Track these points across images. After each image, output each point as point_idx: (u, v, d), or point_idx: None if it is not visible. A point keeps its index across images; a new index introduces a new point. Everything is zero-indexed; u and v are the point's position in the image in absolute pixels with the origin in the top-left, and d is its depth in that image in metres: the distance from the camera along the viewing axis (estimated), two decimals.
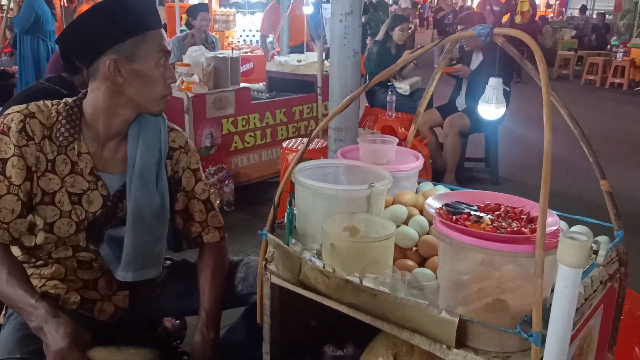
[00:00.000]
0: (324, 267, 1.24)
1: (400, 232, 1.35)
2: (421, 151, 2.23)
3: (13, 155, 1.34)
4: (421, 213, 1.46)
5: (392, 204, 1.46)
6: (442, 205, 1.14)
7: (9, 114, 1.38)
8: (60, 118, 1.41)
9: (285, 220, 1.37)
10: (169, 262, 1.67)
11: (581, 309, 1.14)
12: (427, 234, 1.39)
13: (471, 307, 1.06)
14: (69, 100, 1.45)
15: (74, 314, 1.42)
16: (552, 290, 0.97)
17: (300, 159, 1.37)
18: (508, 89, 4.05)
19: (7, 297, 1.28)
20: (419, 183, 1.65)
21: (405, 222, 1.42)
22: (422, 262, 1.36)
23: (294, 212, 1.40)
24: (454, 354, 1.07)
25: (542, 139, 1.01)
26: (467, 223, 1.06)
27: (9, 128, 1.35)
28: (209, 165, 3.93)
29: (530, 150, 5.78)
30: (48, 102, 1.43)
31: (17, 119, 1.36)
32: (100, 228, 1.48)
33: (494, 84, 1.72)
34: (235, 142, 4.18)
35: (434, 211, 1.12)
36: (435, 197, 1.19)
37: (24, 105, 1.40)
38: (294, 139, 4.06)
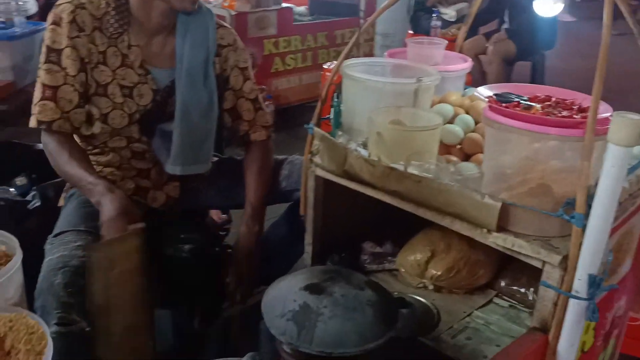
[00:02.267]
0: (369, 157, 1.26)
1: (445, 128, 1.36)
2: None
3: (67, 46, 1.38)
4: (467, 114, 1.46)
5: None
6: (493, 94, 1.14)
7: (60, 4, 1.41)
8: (109, 9, 1.44)
9: (332, 114, 1.40)
10: (216, 159, 1.73)
11: (624, 204, 1.14)
12: (473, 132, 1.39)
13: (515, 192, 1.08)
14: None
15: (129, 199, 1.50)
16: (597, 184, 0.98)
17: (349, 54, 1.38)
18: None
19: (70, 176, 1.36)
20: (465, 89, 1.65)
21: (451, 122, 1.43)
22: (465, 159, 1.37)
23: (341, 107, 1.42)
24: (494, 237, 1.10)
25: (592, 73, 0.97)
26: (517, 109, 1.07)
27: (61, 19, 1.39)
28: None
29: (580, 83, 5.57)
30: None
31: (68, 10, 1.39)
32: (152, 122, 1.54)
33: None
34: (276, 64, 4.17)
35: (483, 98, 1.12)
36: (486, 87, 1.19)
37: None
38: (335, 62, 4.02)
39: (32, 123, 1.39)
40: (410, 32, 5.26)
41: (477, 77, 4.56)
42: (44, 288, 1.22)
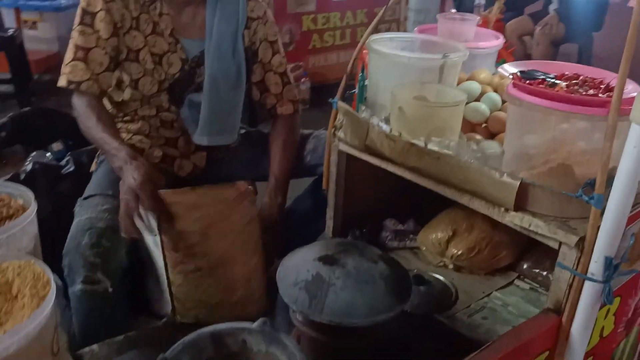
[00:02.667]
0: (390, 132, 1.26)
1: (471, 106, 1.34)
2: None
3: (101, 9, 1.41)
4: (496, 92, 1.43)
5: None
6: (517, 71, 1.11)
7: None
8: None
9: (357, 89, 1.39)
10: (243, 131, 1.75)
11: None
12: (500, 111, 1.37)
13: (535, 171, 1.06)
14: None
15: (156, 167, 1.54)
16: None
17: (376, 28, 1.36)
18: None
19: (96, 139, 1.39)
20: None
21: (478, 100, 1.40)
22: (491, 138, 1.35)
23: (366, 82, 1.41)
24: (511, 216, 1.09)
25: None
26: (541, 87, 1.04)
27: None
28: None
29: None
30: None
31: None
32: (181, 91, 1.56)
33: None
34: (314, 41, 4.16)
35: (507, 75, 1.10)
36: (512, 64, 1.16)
37: None
38: None
39: (62, 82, 1.43)
40: (453, 10, 5.16)
41: (520, 59, 4.43)
42: (72, 247, 1.28)
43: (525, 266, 1.51)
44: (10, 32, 3.96)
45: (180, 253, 1.28)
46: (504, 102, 1.37)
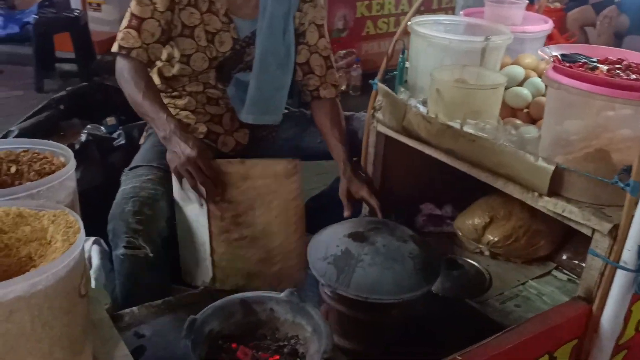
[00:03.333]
0: (427, 113, 1.26)
1: (513, 91, 1.32)
2: None
3: None
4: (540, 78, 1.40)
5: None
6: (559, 54, 1.09)
7: None
8: None
9: (397, 71, 1.40)
10: (286, 111, 1.78)
11: None
12: (543, 96, 1.34)
13: (570, 156, 1.04)
14: None
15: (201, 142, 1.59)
16: None
17: (418, 9, 1.36)
18: None
19: (142, 107, 1.44)
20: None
21: (521, 85, 1.38)
22: (532, 124, 1.33)
23: (406, 64, 1.41)
24: (545, 201, 1.07)
25: None
26: (580, 69, 1.02)
27: None
28: (339, 49, 3.96)
29: None
30: None
31: None
32: (229, 70, 1.61)
33: None
34: (368, 27, 4.14)
35: (547, 58, 1.08)
36: (555, 47, 1.14)
37: None
38: None
39: (114, 47, 1.49)
40: None
41: None
42: (116, 214, 1.35)
43: (564, 257, 1.48)
44: (76, 13, 4.15)
45: (226, 222, 1.35)
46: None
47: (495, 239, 1.47)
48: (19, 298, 0.60)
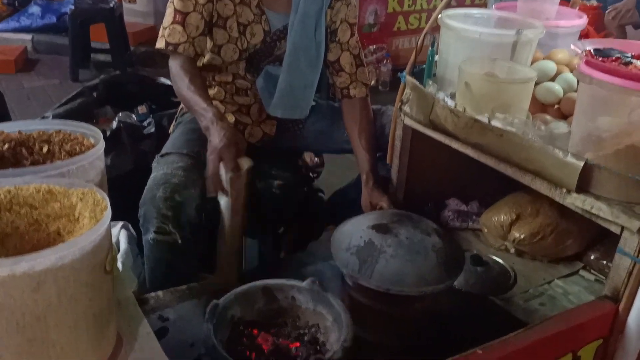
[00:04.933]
0: (455, 107, 1.25)
1: (544, 86, 1.30)
2: None
3: None
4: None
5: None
6: (592, 48, 1.07)
7: None
8: None
9: (425, 63, 1.39)
10: (314, 103, 1.78)
11: None
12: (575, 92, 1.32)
13: (601, 153, 1.02)
14: None
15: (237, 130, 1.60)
16: None
17: (449, 3, 1.35)
18: None
19: (185, 99, 1.48)
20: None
21: (553, 80, 1.36)
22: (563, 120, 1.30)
23: (435, 57, 1.40)
24: (573, 198, 1.06)
25: None
26: (613, 64, 1.00)
27: None
28: (369, 44, 3.95)
29: None
30: None
31: None
32: (259, 62, 1.62)
33: None
34: (399, 23, 4.12)
35: (579, 52, 1.06)
36: (588, 41, 1.12)
37: None
38: None
39: (160, 44, 1.52)
40: None
41: None
42: (147, 199, 1.37)
43: (592, 257, 1.45)
44: (111, 4, 4.22)
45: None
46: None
47: (522, 236, 1.45)
48: (47, 270, 0.63)
